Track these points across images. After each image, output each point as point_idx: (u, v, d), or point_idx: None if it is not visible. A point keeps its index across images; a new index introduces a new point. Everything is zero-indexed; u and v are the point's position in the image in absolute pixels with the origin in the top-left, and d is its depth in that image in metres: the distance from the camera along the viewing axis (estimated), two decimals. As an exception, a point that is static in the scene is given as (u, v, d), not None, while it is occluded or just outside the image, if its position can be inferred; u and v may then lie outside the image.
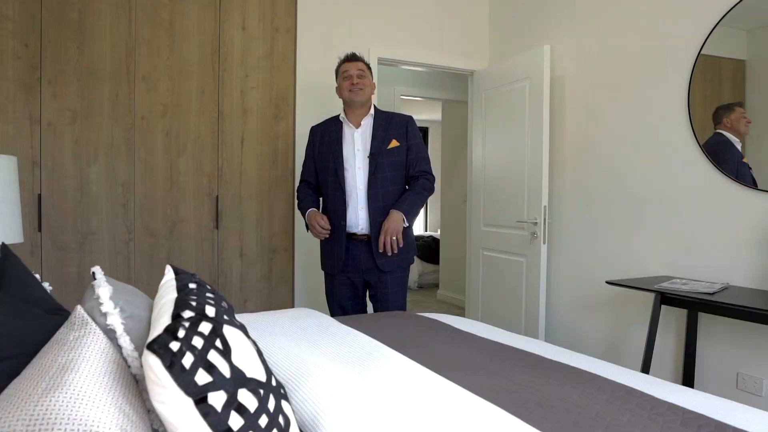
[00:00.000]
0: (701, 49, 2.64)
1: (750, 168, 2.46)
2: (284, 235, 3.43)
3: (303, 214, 2.77)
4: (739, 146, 2.51)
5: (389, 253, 2.54)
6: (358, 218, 2.63)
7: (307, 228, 2.74)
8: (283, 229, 3.41)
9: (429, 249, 6.64)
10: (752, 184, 2.43)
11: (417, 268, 6.61)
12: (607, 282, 2.61)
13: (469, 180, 4.09)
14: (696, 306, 2.26)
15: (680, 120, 2.75)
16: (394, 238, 2.53)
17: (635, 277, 2.94)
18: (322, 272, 2.85)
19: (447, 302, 5.84)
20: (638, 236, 2.96)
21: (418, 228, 9.19)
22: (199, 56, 3.18)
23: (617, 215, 3.09)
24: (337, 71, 2.74)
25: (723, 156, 2.57)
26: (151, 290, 3.08)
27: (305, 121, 3.35)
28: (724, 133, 2.60)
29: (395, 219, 2.55)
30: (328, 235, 2.65)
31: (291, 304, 3.47)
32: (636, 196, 2.98)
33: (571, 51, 3.42)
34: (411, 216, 2.65)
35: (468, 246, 4.08)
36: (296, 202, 2.86)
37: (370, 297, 2.76)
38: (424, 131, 8.48)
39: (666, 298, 2.37)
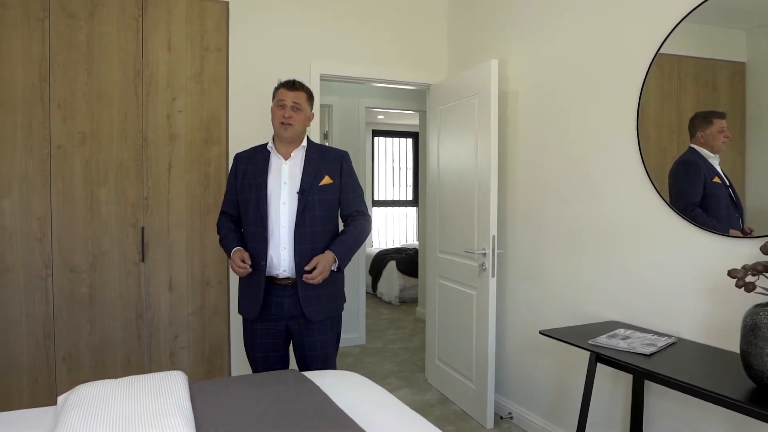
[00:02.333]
0: (658, 50, 2.30)
1: (729, 186, 2.12)
2: (218, 267, 3.24)
3: (227, 252, 2.50)
4: (715, 162, 2.18)
5: (310, 281, 2.30)
6: (280, 259, 2.37)
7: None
8: (217, 260, 3.23)
9: (411, 262, 6.39)
10: (706, 223, 2.13)
11: (398, 282, 6.38)
12: (540, 332, 2.35)
13: (426, 202, 3.85)
14: (631, 371, 1.99)
15: (629, 142, 2.46)
16: (318, 276, 2.29)
17: (583, 321, 2.67)
18: None
19: (425, 321, 5.59)
20: (589, 274, 2.69)
21: (403, 238, 8.97)
22: (120, 79, 2.99)
23: (569, 249, 2.82)
24: (274, 93, 2.49)
25: (688, 179, 2.25)
26: (71, 329, 2.93)
27: (240, 145, 3.12)
28: (697, 148, 2.29)
29: (328, 260, 2.33)
30: (249, 271, 2.38)
31: (227, 339, 3.28)
32: (587, 229, 2.71)
33: (522, 64, 3.14)
34: (345, 261, 2.43)
35: (423, 273, 3.85)
36: (218, 237, 2.60)
37: (294, 345, 2.50)
38: (415, 136, 8.22)
39: (602, 357, 2.10)
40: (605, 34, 2.59)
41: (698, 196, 2.19)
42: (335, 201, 2.47)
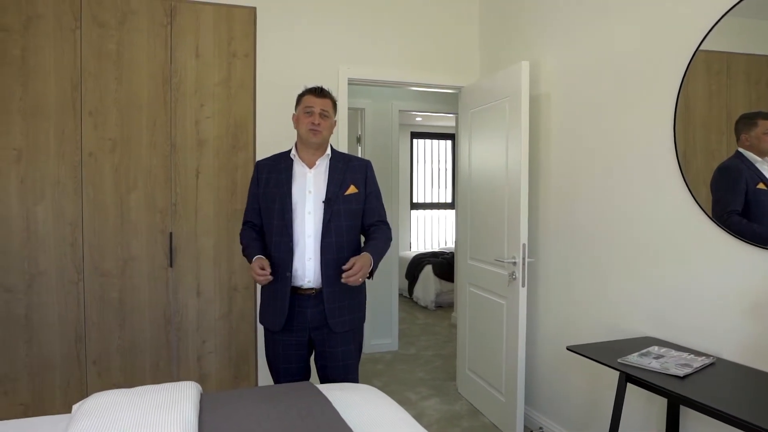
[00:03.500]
0: (697, 49, 2.15)
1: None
2: (245, 273, 3.24)
3: (248, 259, 2.41)
4: (763, 167, 2.01)
5: (350, 280, 2.17)
6: (305, 269, 2.31)
7: None
8: (244, 266, 3.22)
9: (447, 266, 6.28)
10: (749, 236, 1.98)
11: (434, 287, 6.29)
12: (568, 348, 2.24)
13: (458, 208, 3.76)
14: (664, 393, 1.86)
15: (666, 147, 2.31)
16: (359, 275, 2.18)
17: (616, 336, 2.53)
18: None
19: (462, 325, 5.49)
20: (624, 286, 2.55)
21: (442, 241, 8.83)
22: (149, 87, 3.03)
23: (603, 259, 2.68)
24: (299, 100, 2.44)
25: (726, 185, 2.10)
26: (102, 333, 2.98)
27: (267, 150, 3.10)
28: (743, 152, 2.13)
29: (366, 260, 2.23)
30: (270, 279, 2.30)
31: (255, 345, 3.28)
32: (621, 238, 2.56)
33: (554, 66, 3.01)
34: (376, 267, 2.34)
35: (456, 279, 3.75)
36: (241, 247, 2.53)
37: (315, 355, 2.44)
38: (453, 137, 8.10)
39: (632, 377, 1.97)
40: (640, 34, 2.45)
41: (738, 203, 2.03)
42: (359, 210, 2.41)
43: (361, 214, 2.42)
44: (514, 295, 3.00)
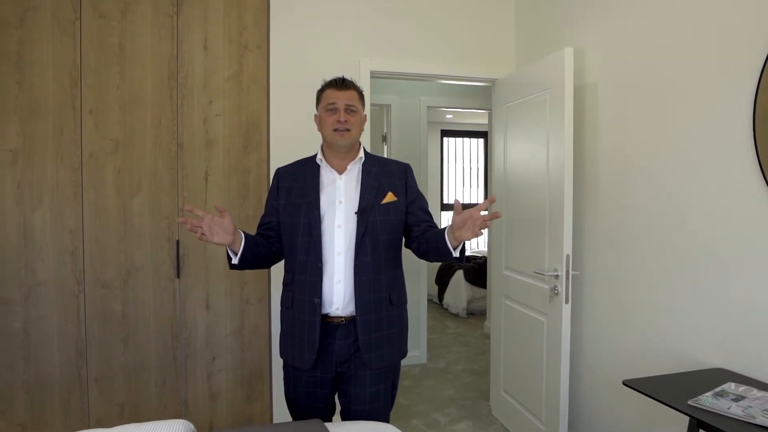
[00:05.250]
0: None
1: None
2: (258, 284, 2.98)
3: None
4: None
5: (476, 230, 1.72)
6: (332, 294, 1.95)
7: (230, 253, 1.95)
8: (256, 276, 2.96)
9: (480, 271, 5.93)
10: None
11: (465, 293, 5.94)
12: (624, 383, 1.89)
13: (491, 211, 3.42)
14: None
15: (742, 144, 1.95)
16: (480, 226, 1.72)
17: (678, 366, 2.17)
18: None
19: (495, 336, 5.14)
20: (687, 306, 2.18)
21: (474, 243, 8.44)
22: (153, 83, 2.79)
23: (661, 274, 2.32)
24: (319, 96, 2.07)
25: None
26: (104, 349, 2.76)
27: (282, 152, 2.84)
28: None
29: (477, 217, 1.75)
30: (212, 221, 1.80)
31: (268, 362, 3.02)
32: (683, 250, 2.20)
33: (603, 53, 2.66)
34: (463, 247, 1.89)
35: (489, 290, 3.43)
36: None
37: (339, 392, 2.09)
38: (486, 135, 7.72)
39: (706, 424, 1.62)
40: (707, 15, 2.08)
41: None
42: (400, 222, 2.04)
43: (400, 226, 2.06)
44: (556, 312, 2.66)
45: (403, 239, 2.12)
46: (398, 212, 2.03)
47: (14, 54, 2.62)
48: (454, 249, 1.82)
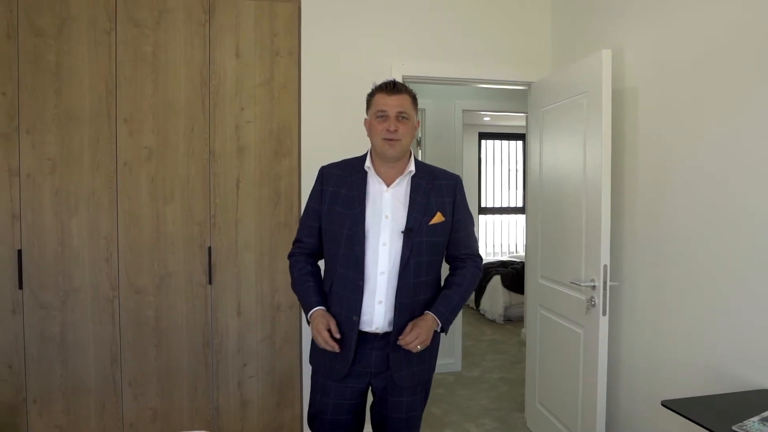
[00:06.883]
0: None
1: None
2: (289, 291, 2.91)
3: (302, 305, 2.00)
4: None
5: (409, 347, 1.84)
6: (373, 314, 1.89)
7: (308, 322, 1.97)
8: (288, 283, 2.93)
9: (517, 276, 5.81)
10: None
11: (503, 299, 5.83)
12: (663, 404, 1.79)
13: (527, 217, 3.33)
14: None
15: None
16: (419, 344, 1.84)
17: (722, 386, 2.04)
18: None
19: (533, 344, 5.02)
20: (731, 321, 2.06)
21: (512, 247, 8.28)
22: (186, 90, 2.81)
23: (704, 287, 2.19)
24: (369, 101, 1.99)
25: None
26: (137, 354, 2.79)
27: (313, 156, 2.81)
28: None
29: (429, 325, 1.88)
30: (337, 350, 1.87)
31: (299, 370, 3.00)
32: (728, 262, 2.07)
33: (643, 55, 2.54)
34: (449, 322, 1.96)
35: (526, 297, 3.33)
36: (290, 279, 2.10)
37: (374, 402, 2.07)
38: (524, 138, 7.56)
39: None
40: (760, 15, 1.95)
41: None
42: (443, 244, 1.99)
43: (444, 248, 2.00)
44: (593, 324, 2.56)
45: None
46: (444, 233, 1.97)
47: (53, 64, 2.68)
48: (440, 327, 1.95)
